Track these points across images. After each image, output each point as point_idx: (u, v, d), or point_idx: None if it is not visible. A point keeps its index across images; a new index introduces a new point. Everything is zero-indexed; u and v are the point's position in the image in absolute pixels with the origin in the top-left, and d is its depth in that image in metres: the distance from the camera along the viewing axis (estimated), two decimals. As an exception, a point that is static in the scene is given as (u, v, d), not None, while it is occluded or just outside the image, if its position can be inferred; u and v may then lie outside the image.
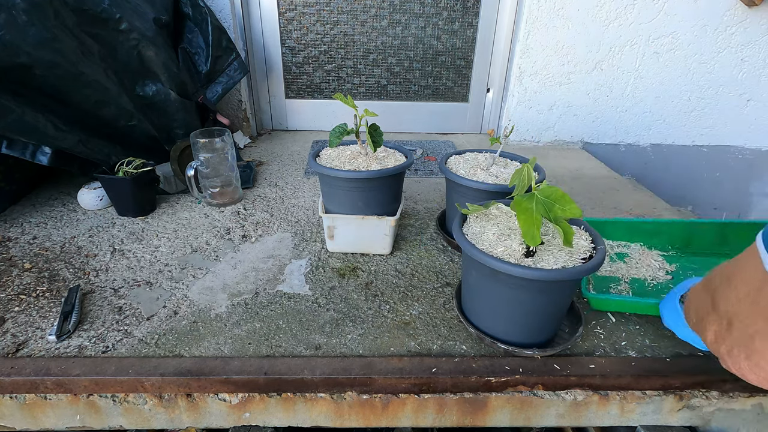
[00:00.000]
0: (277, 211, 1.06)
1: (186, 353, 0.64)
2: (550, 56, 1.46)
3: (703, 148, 1.61)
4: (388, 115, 1.66)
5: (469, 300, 0.67)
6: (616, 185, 1.30)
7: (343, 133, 0.81)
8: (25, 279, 0.79)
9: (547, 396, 0.62)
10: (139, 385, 0.60)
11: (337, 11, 1.50)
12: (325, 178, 0.82)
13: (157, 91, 1.07)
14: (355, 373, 0.61)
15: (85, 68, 0.90)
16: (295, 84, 1.62)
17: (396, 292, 0.78)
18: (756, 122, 1.56)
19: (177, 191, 1.13)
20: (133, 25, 0.99)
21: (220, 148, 0.99)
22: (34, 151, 0.91)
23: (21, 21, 0.80)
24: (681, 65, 1.47)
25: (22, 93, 0.87)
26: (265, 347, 0.65)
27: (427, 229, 0.99)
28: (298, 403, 0.62)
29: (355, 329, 0.69)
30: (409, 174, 1.29)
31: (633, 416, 0.64)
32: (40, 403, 0.61)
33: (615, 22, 1.41)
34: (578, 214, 0.56)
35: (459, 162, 0.89)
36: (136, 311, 0.72)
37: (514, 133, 1.56)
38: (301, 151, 1.46)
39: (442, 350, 0.65)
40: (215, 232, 0.96)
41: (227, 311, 0.72)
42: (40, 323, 0.69)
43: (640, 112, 1.54)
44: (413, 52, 1.58)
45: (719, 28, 1.42)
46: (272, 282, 0.80)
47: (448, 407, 0.62)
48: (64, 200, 1.07)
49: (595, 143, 1.59)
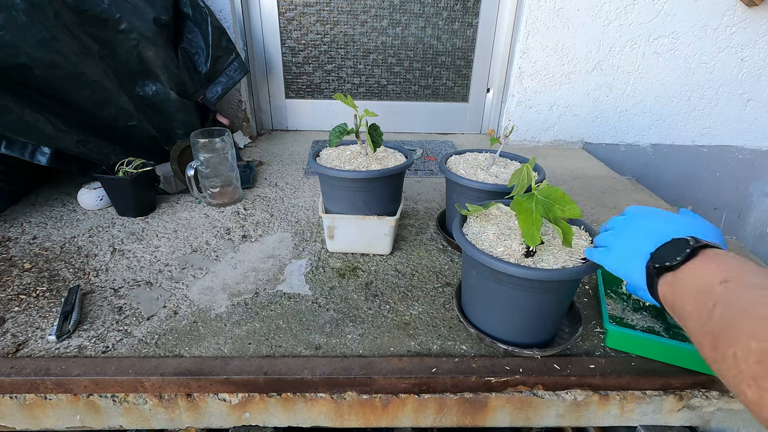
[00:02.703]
0: (277, 211, 1.06)
1: (186, 353, 0.64)
2: (550, 56, 1.46)
3: (703, 148, 1.61)
4: (388, 115, 1.66)
5: (469, 300, 0.67)
6: (616, 185, 1.30)
7: (343, 133, 0.81)
8: (25, 279, 0.79)
9: (547, 396, 0.62)
10: (139, 385, 0.60)
11: (337, 11, 1.50)
12: (325, 178, 0.82)
13: (157, 91, 1.07)
14: (355, 373, 0.61)
15: (85, 68, 0.90)
16: (295, 84, 1.62)
17: (396, 292, 0.78)
18: (756, 122, 1.56)
19: (177, 191, 1.13)
20: (133, 25, 0.99)
21: (220, 148, 0.99)
22: (34, 151, 0.91)
23: (21, 21, 0.80)
24: (681, 65, 1.47)
25: (22, 93, 0.87)
26: (265, 347, 0.65)
27: (427, 229, 0.99)
28: (298, 403, 0.62)
29: (355, 329, 0.69)
30: (409, 174, 1.29)
31: (633, 416, 0.64)
32: (40, 403, 0.61)
33: (615, 22, 1.41)
34: (578, 214, 0.55)
35: (459, 162, 0.89)
36: (136, 311, 0.72)
37: (514, 133, 1.56)
38: (301, 151, 1.46)
39: (442, 350, 0.65)
40: (215, 232, 0.96)
41: (227, 311, 0.72)
42: (40, 323, 0.69)
43: (640, 112, 1.54)
44: (413, 52, 1.58)
45: (719, 28, 1.42)
46: (272, 282, 0.80)
47: (448, 407, 0.62)
48: (64, 200, 1.07)
49: (595, 143, 1.59)
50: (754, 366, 0.29)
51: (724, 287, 0.36)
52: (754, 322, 0.31)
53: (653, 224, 0.49)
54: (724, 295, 0.35)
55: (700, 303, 0.37)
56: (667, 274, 0.43)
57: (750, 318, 0.32)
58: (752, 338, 0.30)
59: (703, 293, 0.37)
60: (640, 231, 0.49)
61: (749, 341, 0.30)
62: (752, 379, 0.29)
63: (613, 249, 0.51)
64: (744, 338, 0.31)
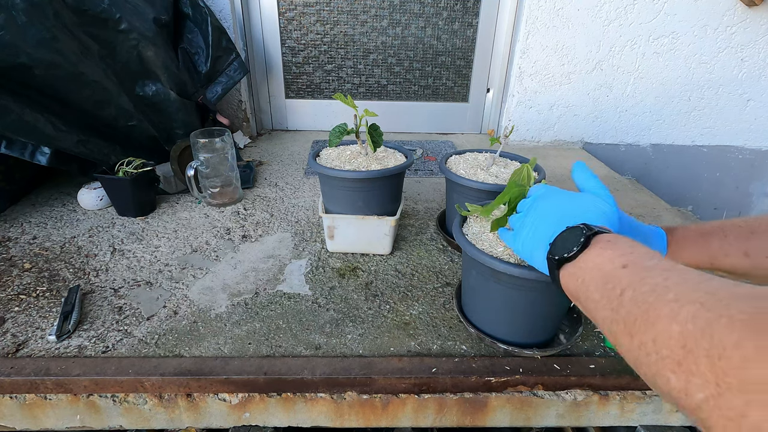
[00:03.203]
0: (277, 211, 1.06)
1: (186, 353, 0.64)
2: (550, 56, 1.46)
3: (703, 148, 1.61)
4: (388, 115, 1.66)
5: (469, 300, 0.67)
6: (616, 185, 1.30)
7: (343, 133, 0.81)
8: (25, 279, 0.79)
9: (547, 396, 0.62)
10: (139, 385, 0.60)
11: (337, 11, 1.51)
12: (325, 178, 0.82)
13: (156, 91, 1.07)
14: (355, 373, 0.61)
15: (85, 68, 0.90)
16: (295, 84, 1.62)
17: (396, 292, 0.78)
18: (756, 122, 1.56)
19: (177, 191, 1.13)
20: (133, 25, 0.99)
21: (220, 148, 0.99)
22: (33, 151, 0.91)
23: (21, 21, 0.80)
24: (681, 65, 1.47)
25: (22, 93, 0.87)
26: (265, 347, 0.65)
27: (427, 229, 0.99)
28: (298, 403, 0.62)
29: (355, 329, 0.69)
30: (409, 174, 1.29)
31: (633, 416, 0.64)
32: (40, 403, 0.61)
33: (615, 22, 1.41)
34: None
35: (459, 162, 0.89)
36: (136, 311, 0.72)
37: (514, 133, 1.56)
38: (301, 151, 1.46)
39: (442, 350, 0.65)
40: (215, 232, 0.96)
41: (227, 311, 0.72)
42: (40, 323, 0.69)
43: (640, 112, 1.54)
44: (413, 52, 1.58)
45: (719, 28, 1.42)
46: (272, 282, 0.80)
47: (448, 407, 0.62)
48: (64, 200, 1.07)
49: (595, 143, 1.59)
50: (678, 350, 0.27)
51: (626, 272, 0.35)
52: (672, 305, 0.29)
53: (550, 210, 0.48)
54: (629, 279, 0.35)
55: (607, 291, 0.36)
56: (566, 265, 0.42)
57: (665, 301, 0.30)
58: (673, 321, 0.28)
59: (607, 281, 0.36)
60: (538, 218, 0.49)
61: (670, 324, 0.28)
62: (676, 364, 0.27)
63: (519, 235, 0.50)
64: (663, 321, 0.29)
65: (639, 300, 0.32)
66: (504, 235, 0.55)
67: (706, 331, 0.26)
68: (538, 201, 0.51)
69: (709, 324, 0.26)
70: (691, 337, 0.27)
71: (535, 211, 0.50)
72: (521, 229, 0.50)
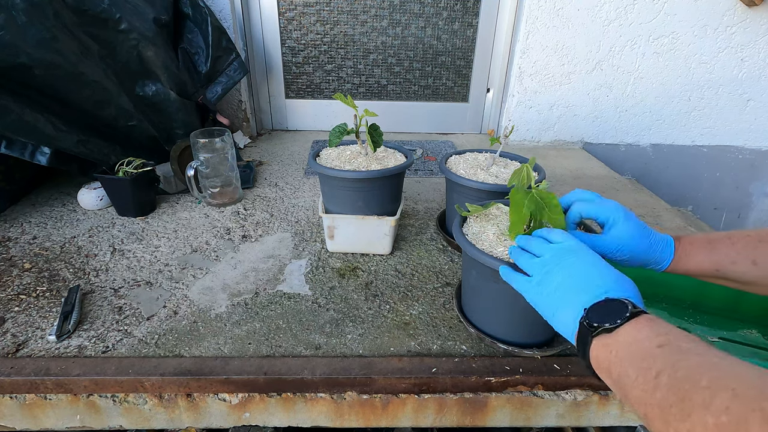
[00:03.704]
0: (277, 211, 1.06)
1: (186, 353, 0.64)
2: (550, 56, 1.46)
3: (703, 148, 1.61)
4: (388, 115, 1.66)
5: (469, 300, 0.67)
6: (616, 185, 1.30)
7: (343, 133, 0.81)
8: (25, 279, 0.79)
9: (547, 396, 0.62)
10: (139, 385, 0.60)
11: (337, 11, 1.50)
12: (325, 178, 0.82)
13: (156, 91, 1.07)
14: (355, 373, 0.61)
15: (85, 68, 0.90)
16: (295, 84, 1.62)
17: (396, 292, 0.78)
18: (756, 122, 1.56)
19: (177, 191, 1.13)
20: (133, 25, 0.99)
21: (220, 148, 0.99)
22: (34, 151, 0.91)
23: (21, 21, 0.80)
24: (681, 65, 1.47)
25: (22, 93, 0.87)
26: (265, 347, 0.65)
27: (427, 229, 0.99)
28: (298, 403, 0.62)
29: (355, 329, 0.69)
30: (409, 174, 1.29)
31: (633, 416, 0.64)
32: (40, 403, 0.61)
33: (615, 22, 1.41)
34: (561, 226, 0.56)
35: (459, 162, 0.89)
36: (136, 311, 0.72)
37: (514, 133, 1.56)
38: (301, 151, 1.46)
39: (442, 350, 0.65)
40: (215, 232, 0.96)
41: (227, 311, 0.72)
42: (40, 323, 0.69)
43: (640, 112, 1.54)
44: (413, 52, 1.58)
45: (719, 28, 1.42)
46: (272, 282, 0.80)
47: (448, 407, 0.62)
48: (64, 200, 1.07)
49: (595, 143, 1.59)
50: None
51: (661, 351, 0.36)
52: (704, 393, 0.30)
53: (583, 272, 0.46)
54: (664, 360, 0.35)
55: (643, 369, 0.36)
56: (603, 335, 0.41)
57: (699, 388, 0.31)
58: (707, 412, 0.29)
59: (644, 358, 0.36)
60: (569, 277, 0.46)
61: (704, 416, 0.29)
62: None
63: (543, 286, 0.48)
64: (698, 412, 0.30)
65: (674, 387, 0.33)
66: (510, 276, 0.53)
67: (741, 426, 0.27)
68: (567, 256, 0.48)
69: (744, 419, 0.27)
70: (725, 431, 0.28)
71: (564, 268, 0.47)
72: (546, 281, 0.48)
